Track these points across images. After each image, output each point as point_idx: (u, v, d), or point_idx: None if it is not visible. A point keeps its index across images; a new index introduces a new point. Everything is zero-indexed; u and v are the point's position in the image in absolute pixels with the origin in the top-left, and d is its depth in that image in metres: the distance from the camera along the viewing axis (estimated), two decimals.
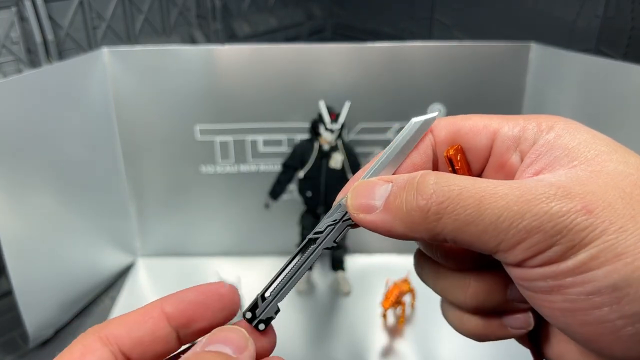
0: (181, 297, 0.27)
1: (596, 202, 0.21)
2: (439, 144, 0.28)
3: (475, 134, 0.27)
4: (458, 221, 0.22)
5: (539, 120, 0.26)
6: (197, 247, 0.91)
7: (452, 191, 0.22)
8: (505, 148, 0.26)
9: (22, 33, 0.80)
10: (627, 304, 0.20)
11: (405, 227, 0.24)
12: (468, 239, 0.22)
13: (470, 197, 0.22)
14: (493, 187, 0.22)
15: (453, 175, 0.23)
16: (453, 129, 0.28)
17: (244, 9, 1.10)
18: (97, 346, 0.25)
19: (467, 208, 0.22)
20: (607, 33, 0.86)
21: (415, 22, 1.09)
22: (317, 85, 0.79)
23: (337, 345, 0.75)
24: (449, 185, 0.23)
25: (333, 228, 0.28)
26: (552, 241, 0.21)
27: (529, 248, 0.21)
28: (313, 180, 0.76)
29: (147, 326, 0.26)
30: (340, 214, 0.28)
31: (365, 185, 0.26)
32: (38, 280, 0.72)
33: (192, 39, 1.03)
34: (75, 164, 0.75)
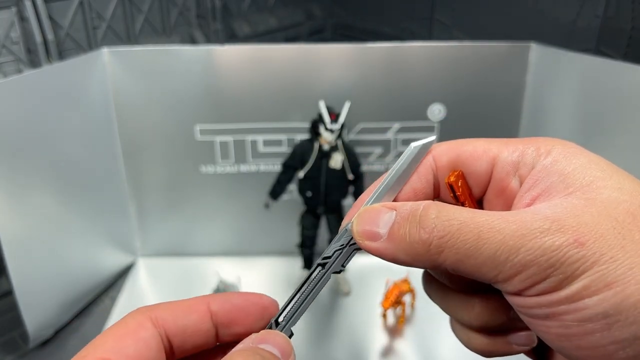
0: (228, 298, 0.29)
1: (588, 234, 0.22)
2: (440, 169, 0.29)
3: (475, 159, 0.28)
4: (458, 254, 0.24)
5: (537, 144, 0.27)
6: (197, 247, 0.91)
7: (452, 226, 0.24)
8: (505, 173, 0.27)
9: (22, 33, 0.80)
10: (617, 330, 0.21)
11: (409, 257, 0.25)
12: (468, 270, 0.24)
13: (469, 232, 0.23)
14: (490, 221, 0.23)
15: (453, 208, 0.24)
16: (453, 154, 0.29)
17: (244, 9, 1.10)
18: (148, 325, 0.26)
19: (466, 242, 0.23)
20: (607, 33, 0.86)
21: (416, 22, 1.09)
22: (317, 85, 0.79)
23: (337, 345, 0.75)
24: (450, 219, 0.24)
25: (340, 253, 0.29)
26: (547, 274, 0.22)
27: (525, 280, 0.23)
28: (313, 180, 0.76)
29: (192, 317, 0.28)
30: (346, 239, 0.29)
31: (370, 212, 0.27)
32: (38, 280, 0.72)
33: (192, 39, 1.03)
34: (75, 163, 0.75)
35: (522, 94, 0.80)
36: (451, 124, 0.82)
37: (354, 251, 0.29)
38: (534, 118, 0.79)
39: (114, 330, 0.26)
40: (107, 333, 0.26)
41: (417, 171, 0.29)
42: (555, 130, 0.76)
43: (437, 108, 0.80)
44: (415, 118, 0.81)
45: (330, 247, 0.29)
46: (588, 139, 0.71)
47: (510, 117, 0.81)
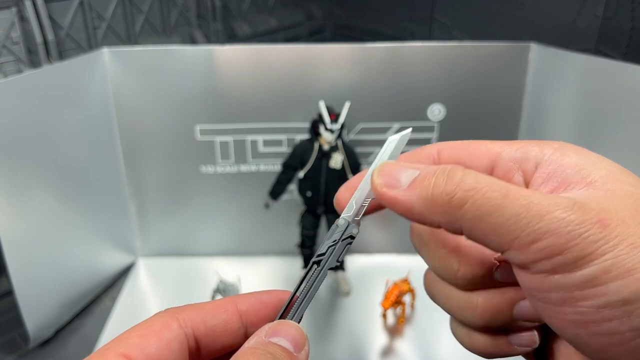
0: (256, 297, 0.29)
1: (611, 218, 0.22)
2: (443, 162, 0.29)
3: (477, 156, 0.29)
4: (480, 210, 0.23)
5: (540, 144, 0.27)
6: (197, 247, 0.91)
7: (480, 182, 0.23)
8: (507, 169, 0.28)
9: (23, 33, 0.80)
10: (636, 317, 0.21)
11: (425, 207, 0.24)
12: (484, 231, 0.23)
13: (497, 190, 0.23)
14: (518, 188, 0.23)
15: (480, 173, 0.24)
16: (456, 150, 0.29)
17: (244, 9, 1.10)
18: (174, 326, 0.26)
19: (491, 199, 0.23)
20: (607, 33, 0.86)
21: (415, 23, 1.09)
22: (317, 85, 0.79)
23: (337, 345, 0.75)
24: (477, 177, 0.24)
25: (334, 248, 0.29)
26: (566, 246, 0.21)
27: (542, 249, 0.22)
28: (313, 180, 0.76)
29: (221, 317, 0.28)
30: (339, 234, 0.29)
31: (393, 165, 0.27)
32: (38, 280, 0.72)
33: (192, 39, 1.03)
34: (75, 163, 0.76)
35: (522, 94, 0.80)
36: (451, 124, 0.82)
37: (347, 245, 0.29)
38: (533, 118, 0.79)
39: (140, 328, 0.26)
40: (132, 330, 0.26)
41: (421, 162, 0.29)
42: (555, 130, 0.76)
43: (437, 108, 0.81)
44: (415, 118, 0.81)
45: (323, 244, 0.29)
46: (588, 139, 0.71)
47: (510, 117, 0.81)
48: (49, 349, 0.75)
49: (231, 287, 0.77)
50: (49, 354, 0.75)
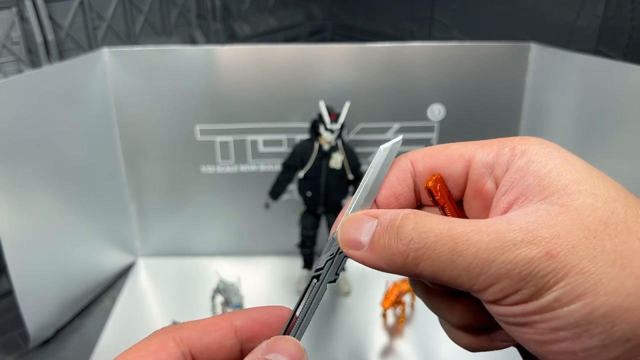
0: (251, 314, 0.30)
1: (560, 246, 0.23)
2: (419, 174, 0.29)
3: (451, 163, 0.29)
4: (434, 267, 0.24)
5: (513, 144, 0.28)
6: (198, 247, 0.91)
7: (428, 238, 0.24)
8: (479, 175, 0.28)
9: (23, 33, 0.80)
10: (586, 338, 0.22)
11: (389, 267, 0.26)
12: (446, 280, 0.24)
13: (444, 244, 0.24)
14: (466, 232, 0.24)
15: (431, 218, 0.25)
16: (430, 159, 0.29)
17: (244, 9, 1.10)
18: (171, 344, 0.27)
19: (442, 255, 0.24)
20: (607, 33, 0.86)
21: (415, 23, 1.09)
22: (317, 85, 0.79)
23: (337, 344, 0.75)
24: (426, 231, 0.25)
25: (332, 262, 0.30)
26: (519, 286, 0.23)
27: (499, 291, 0.23)
28: (313, 180, 0.76)
29: (216, 334, 0.28)
30: (335, 248, 0.29)
31: (353, 221, 0.28)
32: (38, 280, 0.72)
33: (192, 39, 1.03)
34: (75, 163, 0.76)
35: (522, 94, 0.80)
36: (451, 124, 0.82)
37: (345, 258, 0.29)
38: (533, 118, 0.79)
39: (137, 349, 0.27)
40: (129, 351, 0.27)
41: (397, 176, 0.29)
42: (554, 130, 0.76)
43: (437, 108, 0.81)
44: (415, 118, 0.81)
45: (321, 258, 0.30)
46: (587, 139, 0.71)
47: (510, 117, 0.81)
48: (49, 349, 0.76)
49: (231, 287, 0.77)
50: (49, 354, 0.75)
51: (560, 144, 0.82)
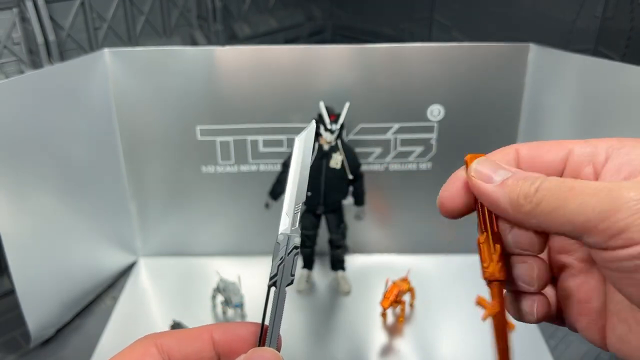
0: (231, 329, 0.31)
1: None
2: (522, 158, 0.32)
3: (552, 151, 0.32)
4: (551, 206, 0.27)
5: (610, 141, 0.31)
6: (198, 246, 0.92)
7: (551, 183, 0.27)
8: (579, 162, 0.31)
9: (24, 34, 0.80)
10: None
11: (510, 205, 0.29)
12: (560, 222, 0.27)
13: (564, 186, 0.27)
14: (583, 182, 0.27)
15: (556, 178, 0.28)
16: (533, 147, 0.32)
17: (244, 10, 1.10)
18: (154, 351, 0.28)
19: (561, 194, 0.27)
20: (606, 34, 0.86)
21: (415, 23, 1.10)
22: (317, 86, 0.79)
23: (337, 344, 0.75)
24: (551, 181, 0.28)
25: (284, 265, 0.31)
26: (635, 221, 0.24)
27: (611, 226, 0.25)
28: (313, 180, 0.76)
29: (195, 345, 0.29)
30: (283, 250, 0.31)
31: (490, 163, 0.31)
32: (40, 280, 0.73)
33: (192, 40, 1.03)
34: (76, 164, 0.76)
35: (521, 95, 0.80)
36: (450, 124, 0.82)
37: (295, 256, 0.31)
38: (532, 119, 0.80)
39: (121, 356, 0.28)
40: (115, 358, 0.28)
41: (502, 157, 0.32)
42: (554, 131, 0.77)
43: (437, 108, 0.81)
44: (415, 118, 0.82)
45: (272, 266, 0.31)
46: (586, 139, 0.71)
47: (509, 117, 0.82)
48: (50, 348, 0.76)
49: (231, 286, 0.78)
50: (50, 353, 0.75)
51: None
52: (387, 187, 0.87)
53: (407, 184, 0.87)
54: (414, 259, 0.89)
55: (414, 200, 0.88)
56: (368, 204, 0.82)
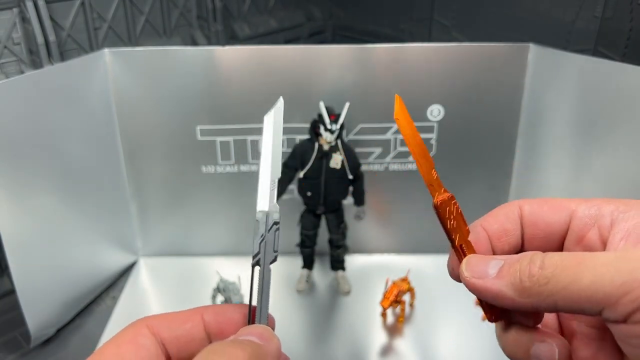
0: (222, 311, 0.31)
1: None
2: (525, 216, 0.32)
3: (555, 211, 0.32)
4: (566, 280, 0.25)
5: (615, 203, 0.30)
6: (198, 246, 0.92)
7: (554, 258, 0.26)
8: (583, 224, 0.30)
9: (24, 34, 0.80)
10: None
11: (516, 291, 0.27)
12: (576, 298, 0.25)
13: (573, 258, 0.26)
14: (591, 254, 0.26)
15: (557, 252, 0.27)
16: (535, 205, 0.32)
17: (244, 10, 1.10)
18: (145, 332, 0.29)
19: (569, 268, 0.25)
20: (605, 34, 0.87)
21: (415, 24, 1.10)
22: (317, 86, 0.79)
23: (337, 344, 0.75)
24: (553, 256, 0.27)
25: (265, 242, 0.31)
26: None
27: (633, 301, 0.24)
28: (313, 180, 0.76)
29: (186, 327, 0.30)
30: (263, 227, 0.31)
31: (480, 258, 0.30)
32: (40, 280, 0.73)
33: (192, 40, 1.03)
34: (77, 164, 0.76)
35: (521, 95, 0.80)
36: (450, 125, 0.82)
37: (276, 232, 0.31)
38: (532, 119, 0.80)
39: (115, 339, 0.29)
40: (108, 343, 0.28)
41: (507, 214, 0.32)
42: (553, 131, 0.77)
43: (436, 108, 0.81)
44: (415, 118, 0.81)
45: (253, 244, 0.31)
46: (586, 139, 0.72)
47: (509, 118, 0.82)
48: (50, 348, 0.76)
49: (231, 286, 0.78)
50: (50, 353, 0.75)
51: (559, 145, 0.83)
52: (387, 187, 0.87)
53: (407, 184, 0.87)
54: (414, 259, 0.89)
55: (414, 200, 0.88)
56: (368, 204, 0.82)
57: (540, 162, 0.80)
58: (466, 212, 0.33)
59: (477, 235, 0.32)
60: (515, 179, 0.86)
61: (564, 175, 0.76)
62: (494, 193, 0.87)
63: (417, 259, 0.89)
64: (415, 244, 0.91)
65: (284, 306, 0.82)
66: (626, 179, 0.67)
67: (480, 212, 0.34)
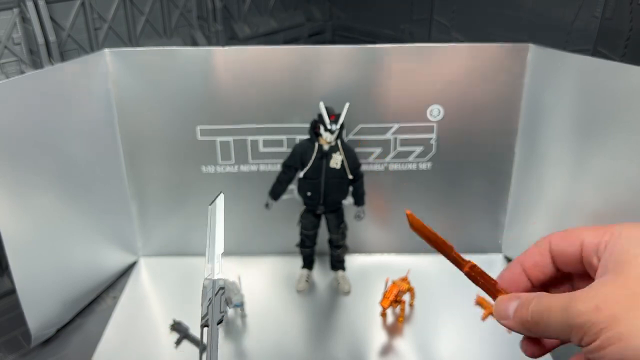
0: None
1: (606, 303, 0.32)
2: (553, 249, 0.41)
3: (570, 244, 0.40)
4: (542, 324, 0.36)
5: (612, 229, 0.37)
6: (198, 246, 0.91)
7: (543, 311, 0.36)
8: (589, 254, 0.38)
9: (24, 34, 0.80)
10: None
11: (523, 329, 0.38)
12: (555, 334, 0.35)
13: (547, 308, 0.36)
14: (557, 299, 0.35)
15: (546, 296, 0.37)
16: (559, 239, 0.41)
17: (244, 11, 1.11)
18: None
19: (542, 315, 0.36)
20: (605, 34, 0.87)
21: (415, 24, 1.10)
22: (317, 86, 0.79)
23: (337, 343, 0.75)
24: (537, 303, 0.37)
25: (212, 306, 0.34)
26: (582, 333, 0.33)
27: (577, 338, 0.33)
28: (313, 180, 0.76)
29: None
30: (211, 292, 0.34)
31: (504, 300, 0.40)
32: (40, 280, 0.73)
33: (193, 40, 1.03)
34: (77, 164, 0.76)
35: (521, 95, 0.80)
36: (450, 125, 0.82)
37: (222, 296, 0.34)
38: (532, 118, 0.80)
39: None
40: None
41: (539, 249, 0.42)
42: (553, 131, 0.77)
43: (436, 108, 0.81)
44: (414, 118, 0.82)
45: (202, 307, 0.34)
46: (585, 140, 0.72)
47: (509, 117, 0.82)
48: (50, 348, 0.76)
49: (232, 285, 0.78)
50: (50, 353, 0.75)
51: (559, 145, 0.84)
52: (387, 187, 0.87)
53: (407, 184, 0.87)
54: (414, 259, 0.89)
55: (414, 200, 0.88)
56: (368, 204, 0.82)
57: (540, 161, 0.80)
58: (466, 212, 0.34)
59: (514, 270, 0.42)
60: (514, 179, 0.86)
61: (563, 174, 0.76)
62: (493, 192, 0.87)
63: (417, 259, 0.89)
64: (415, 244, 0.91)
65: (284, 306, 0.82)
66: (625, 179, 0.67)
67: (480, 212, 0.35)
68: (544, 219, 0.82)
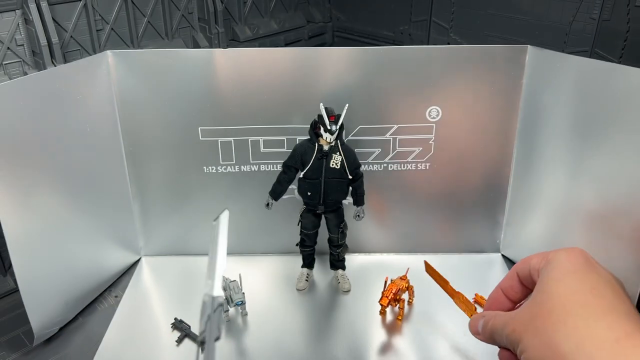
0: None
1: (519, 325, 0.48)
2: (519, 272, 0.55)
3: (524, 267, 0.54)
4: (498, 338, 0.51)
5: (549, 256, 0.50)
6: (200, 246, 0.92)
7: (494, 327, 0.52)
8: (535, 277, 0.51)
9: (27, 35, 0.81)
10: None
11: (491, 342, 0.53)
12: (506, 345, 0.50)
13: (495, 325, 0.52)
14: (502, 318, 0.51)
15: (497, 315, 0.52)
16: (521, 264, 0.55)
17: (245, 12, 1.11)
18: None
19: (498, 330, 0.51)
20: (603, 36, 0.87)
21: (413, 26, 1.11)
22: (317, 87, 0.80)
23: (337, 342, 0.76)
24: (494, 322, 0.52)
25: (210, 322, 0.34)
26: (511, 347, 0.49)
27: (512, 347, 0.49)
28: (313, 180, 0.77)
29: None
30: (210, 309, 0.34)
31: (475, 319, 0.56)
32: (43, 279, 0.73)
33: (194, 42, 1.04)
34: (79, 164, 0.77)
35: (519, 96, 0.81)
36: (449, 126, 0.83)
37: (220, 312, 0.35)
38: (530, 120, 0.81)
39: None
40: None
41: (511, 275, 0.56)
42: (551, 133, 0.77)
43: (435, 110, 0.82)
44: (413, 120, 0.83)
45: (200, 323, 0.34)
46: (583, 141, 0.72)
47: (507, 119, 0.82)
48: (53, 346, 0.76)
49: (233, 284, 0.78)
50: (53, 351, 0.76)
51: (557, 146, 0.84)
52: (386, 187, 0.88)
53: (406, 184, 0.88)
54: (413, 258, 0.89)
55: (413, 200, 0.88)
56: (367, 204, 0.83)
57: (538, 161, 0.81)
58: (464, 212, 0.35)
59: (496, 293, 0.57)
60: (513, 179, 0.86)
61: (561, 174, 0.77)
62: (492, 193, 0.88)
63: (416, 258, 0.89)
64: (414, 244, 0.92)
65: (284, 305, 0.83)
66: (623, 179, 0.67)
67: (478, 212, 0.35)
68: (542, 219, 0.83)
